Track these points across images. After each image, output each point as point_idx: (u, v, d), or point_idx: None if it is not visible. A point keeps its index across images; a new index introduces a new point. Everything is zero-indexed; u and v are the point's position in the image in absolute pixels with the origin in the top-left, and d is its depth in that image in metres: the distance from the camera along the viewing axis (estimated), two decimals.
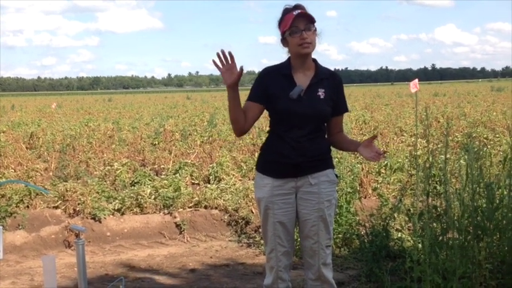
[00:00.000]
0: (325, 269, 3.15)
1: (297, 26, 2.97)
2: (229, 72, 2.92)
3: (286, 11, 3.05)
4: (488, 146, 8.81)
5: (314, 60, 3.13)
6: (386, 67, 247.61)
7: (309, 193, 3.08)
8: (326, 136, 3.20)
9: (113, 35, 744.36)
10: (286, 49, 3.10)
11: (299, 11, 2.98)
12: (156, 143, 11.84)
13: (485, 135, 11.07)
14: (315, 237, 3.10)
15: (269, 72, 3.13)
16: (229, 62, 2.91)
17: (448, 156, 3.80)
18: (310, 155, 3.04)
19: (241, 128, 3.09)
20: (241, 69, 2.88)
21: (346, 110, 3.22)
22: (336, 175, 3.19)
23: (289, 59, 3.11)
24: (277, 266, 3.19)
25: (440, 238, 3.67)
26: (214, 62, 2.91)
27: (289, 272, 3.28)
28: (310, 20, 2.97)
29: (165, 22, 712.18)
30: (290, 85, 3.04)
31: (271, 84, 3.07)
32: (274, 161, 3.10)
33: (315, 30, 3.02)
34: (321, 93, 3.05)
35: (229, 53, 2.90)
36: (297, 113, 3.01)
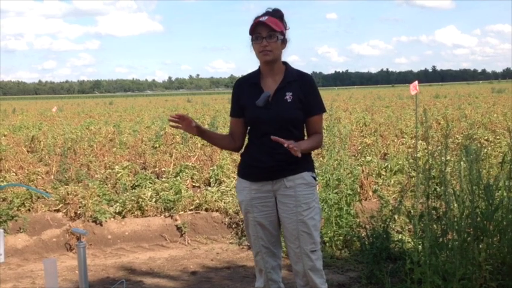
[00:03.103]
0: (314, 274, 3.10)
1: (259, 32, 3.00)
2: (188, 127, 3.05)
3: (258, 15, 3.07)
4: (489, 148, 8.82)
5: (285, 64, 3.15)
6: (387, 69, 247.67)
7: (286, 196, 3.08)
8: (305, 138, 3.17)
9: (113, 38, 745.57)
10: (254, 53, 3.11)
11: (266, 17, 2.99)
12: (157, 146, 11.85)
13: (485, 137, 11.09)
14: (296, 241, 3.08)
15: (239, 84, 3.22)
16: (183, 120, 3.04)
17: (448, 157, 3.82)
18: (281, 159, 3.03)
19: (233, 148, 3.29)
20: (194, 122, 3.05)
21: (321, 111, 3.15)
22: (314, 178, 3.14)
23: (259, 66, 3.15)
24: (265, 268, 3.21)
25: (441, 240, 3.67)
26: (172, 126, 3.08)
27: (280, 273, 3.27)
28: (273, 29, 2.98)
29: (165, 25, 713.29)
30: (258, 93, 3.06)
31: (241, 95, 3.16)
32: (250, 166, 3.15)
33: (279, 39, 3.01)
34: (288, 96, 3.05)
35: (178, 115, 3.05)
36: (264, 119, 3.04)
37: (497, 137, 10.99)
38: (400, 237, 5.04)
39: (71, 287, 4.71)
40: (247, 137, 3.24)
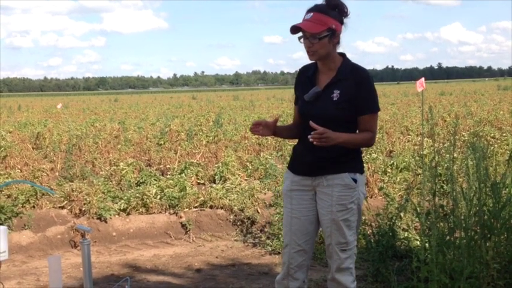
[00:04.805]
0: (339, 273, 3.08)
1: (304, 32, 2.97)
2: (265, 131, 3.12)
3: (308, 9, 3.00)
4: (495, 145, 8.77)
5: (343, 57, 3.07)
6: (393, 66, 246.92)
7: (324, 194, 3.06)
8: None
9: (119, 35, 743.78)
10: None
11: (311, 15, 2.94)
12: (162, 143, 11.85)
13: (492, 134, 11.03)
14: (329, 238, 3.07)
15: (300, 73, 3.22)
16: (258, 125, 3.09)
17: (454, 155, 3.78)
18: (322, 156, 2.99)
19: (297, 137, 3.26)
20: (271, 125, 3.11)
21: (371, 110, 3.04)
22: (355, 179, 3.04)
23: None
24: (289, 263, 3.16)
25: (448, 238, 3.64)
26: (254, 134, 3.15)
27: (306, 273, 3.21)
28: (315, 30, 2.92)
29: (170, 22, 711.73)
30: (310, 87, 3.05)
31: (299, 85, 3.18)
32: (294, 159, 3.20)
33: (325, 37, 2.93)
34: (336, 95, 2.99)
35: (254, 123, 3.11)
36: (308, 115, 3.01)
37: (504, 134, 10.94)
38: (406, 235, 5.01)
39: (76, 284, 4.70)
40: None
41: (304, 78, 3.12)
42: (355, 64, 3.07)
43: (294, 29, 2.96)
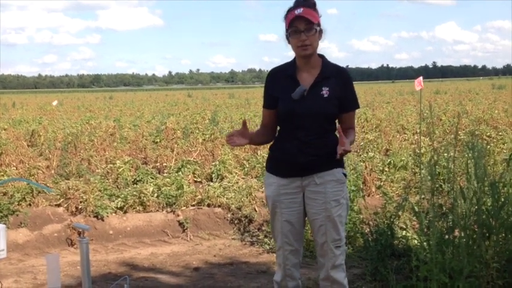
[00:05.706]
0: (334, 270, 3.10)
1: (296, 26, 2.94)
2: (239, 142, 3.03)
3: (291, 7, 2.99)
4: (492, 144, 8.79)
5: (322, 57, 3.08)
6: (387, 65, 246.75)
7: (315, 192, 3.05)
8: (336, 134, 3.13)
9: (113, 32, 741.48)
10: (290, 46, 3.04)
11: (301, 9, 2.92)
12: (158, 140, 11.80)
13: (488, 133, 11.06)
14: (323, 237, 3.07)
15: (273, 74, 3.15)
16: (232, 136, 3.03)
17: (452, 154, 3.78)
18: (314, 154, 2.99)
19: (269, 141, 3.23)
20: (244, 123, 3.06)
21: (356, 107, 3.15)
22: (345, 174, 3.11)
23: (295, 57, 3.08)
24: (284, 264, 3.18)
25: (447, 237, 3.64)
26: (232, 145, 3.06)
27: (299, 270, 3.26)
28: (311, 21, 2.92)
29: (165, 20, 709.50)
30: (293, 85, 3.01)
31: (274, 86, 3.10)
32: (280, 160, 3.12)
33: (317, 31, 2.96)
34: (325, 91, 3.00)
35: (228, 135, 3.04)
36: (298, 113, 2.99)
37: (500, 133, 10.97)
38: (404, 233, 5.01)
39: (73, 282, 4.68)
40: (278, 130, 3.20)
41: (283, 77, 3.07)
42: (335, 64, 3.13)
43: (290, 21, 2.94)
